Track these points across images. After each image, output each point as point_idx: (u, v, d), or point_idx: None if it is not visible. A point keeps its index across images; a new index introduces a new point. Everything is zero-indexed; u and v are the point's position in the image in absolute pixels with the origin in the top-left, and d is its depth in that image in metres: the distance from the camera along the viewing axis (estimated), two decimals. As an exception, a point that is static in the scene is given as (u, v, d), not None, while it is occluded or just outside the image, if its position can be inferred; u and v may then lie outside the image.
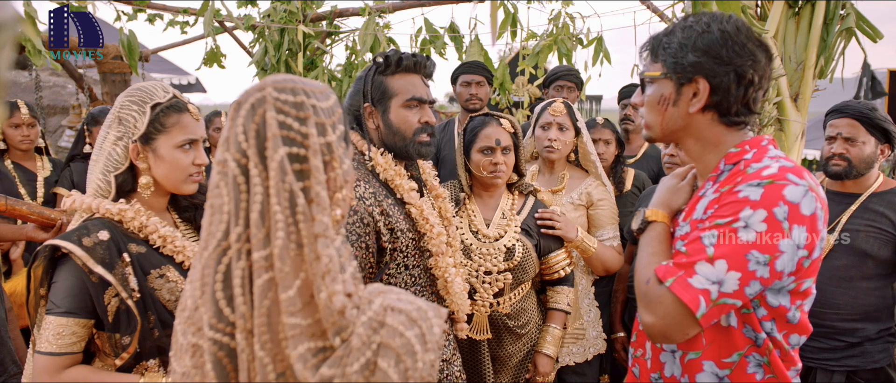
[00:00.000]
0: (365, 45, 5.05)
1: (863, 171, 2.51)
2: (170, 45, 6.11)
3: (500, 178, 2.43)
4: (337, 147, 0.98)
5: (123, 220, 1.55)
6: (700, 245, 1.27)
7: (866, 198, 2.53)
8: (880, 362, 2.50)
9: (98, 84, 5.53)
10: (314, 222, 0.91)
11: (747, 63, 1.32)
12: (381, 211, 1.86)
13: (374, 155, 1.91)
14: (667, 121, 1.41)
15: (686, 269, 1.26)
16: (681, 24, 1.39)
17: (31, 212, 2.69)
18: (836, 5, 4.20)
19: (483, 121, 2.45)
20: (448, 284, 1.99)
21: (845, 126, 2.52)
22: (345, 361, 0.89)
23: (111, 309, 1.47)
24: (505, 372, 2.46)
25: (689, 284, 1.25)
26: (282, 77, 0.99)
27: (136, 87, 1.62)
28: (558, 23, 4.86)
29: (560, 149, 2.75)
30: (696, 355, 1.41)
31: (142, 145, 1.57)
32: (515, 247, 2.40)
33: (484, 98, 3.91)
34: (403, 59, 1.92)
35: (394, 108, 1.92)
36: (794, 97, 4.26)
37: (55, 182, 3.74)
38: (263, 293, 0.90)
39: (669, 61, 1.37)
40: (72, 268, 1.46)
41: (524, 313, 2.45)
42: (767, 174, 1.27)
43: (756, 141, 1.39)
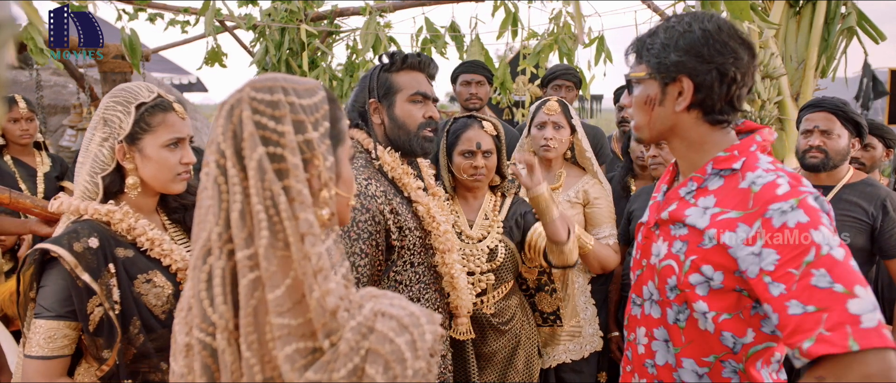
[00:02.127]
0: (366, 45, 5.05)
1: (838, 163, 2.62)
2: (171, 44, 6.10)
3: (481, 182, 2.44)
4: (318, 144, 0.96)
5: (112, 222, 1.54)
6: (823, 291, 1.16)
7: (840, 189, 2.64)
8: None
9: (99, 83, 5.52)
10: (298, 221, 0.90)
11: (729, 61, 1.33)
12: (391, 209, 1.89)
13: (381, 154, 1.94)
14: (654, 121, 1.43)
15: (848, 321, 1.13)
16: (663, 25, 1.40)
17: (35, 205, 2.70)
18: (837, 4, 4.19)
19: (465, 124, 2.45)
20: (454, 280, 2.02)
21: (822, 119, 2.63)
22: (332, 366, 0.87)
23: (94, 318, 1.46)
24: (490, 368, 2.47)
25: (868, 330, 1.12)
26: (264, 76, 0.99)
27: (120, 88, 1.62)
28: (559, 22, 4.85)
29: (556, 148, 2.76)
30: (677, 350, 1.43)
31: (128, 145, 1.56)
32: (498, 248, 2.42)
33: (484, 97, 3.91)
34: (409, 58, 1.96)
35: (399, 103, 1.95)
36: (795, 96, 4.25)
37: (56, 177, 3.78)
38: (249, 293, 0.89)
39: (653, 62, 1.38)
40: (60, 271, 1.45)
41: (507, 310, 2.47)
42: (784, 193, 1.25)
43: (744, 146, 1.39)
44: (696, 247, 1.36)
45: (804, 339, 1.15)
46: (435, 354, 0.96)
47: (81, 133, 4.77)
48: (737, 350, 1.35)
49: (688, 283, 1.36)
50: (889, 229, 2.51)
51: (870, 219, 2.54)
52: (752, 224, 1.27)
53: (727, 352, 1.36)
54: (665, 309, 1.45)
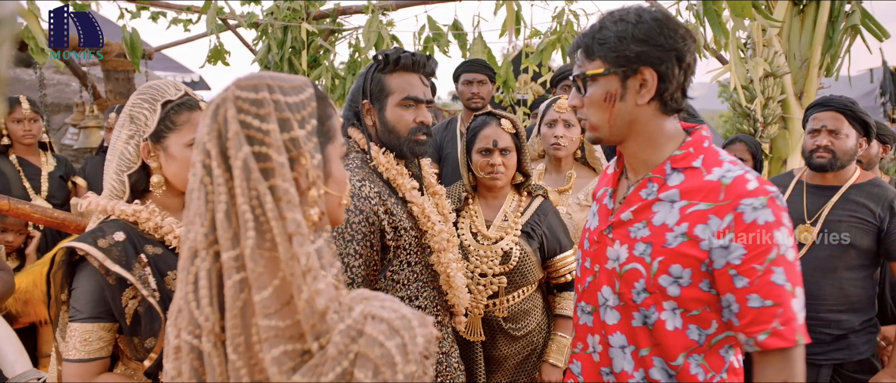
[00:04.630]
0: (368, 43, 5.04)
1: (845, 163, 2.59)
2: (173, 42, 6.11)
3: (498, 180, 2.40)
4: (304, 142, 0.95)
5: (138, 221, 1.52)
6: (778, 288, 1.28)
7: (846, 189, 2.61)
8: (865, 353, 2.58)
9: (102, 82, 5.53)
10: (286, 221, 0.88)
11: (684, 46, 1.33)
12: (386, 210, 1.88)
13: (375, 154, 1.92)
14: (614, 117, 1.39)
15: (793, 316, 1.29)
16: (609, 19, 1.37)
17: (34, 211, 2.69)
18: (841, 3, 4.16)
19: (483, 122, 2.42)
20: (450, 279, 2.00)
21: (829, 119, 2.59)
22: (319, 370, 0.86)
23: (129, 311, 1.44)
24: (500, 372, 2.43)
25: (802, 327, 1.30)
26: (249, 74, 0.97)
27: (148, 85, 1.59)
28: (562, 20, 4.83)
29: (567, 146, 2.72)
30: (647, 352, 1.42)
31: (153, 143, 1.54)
32: (512, 251, 2.35)
33: (486, 96, 3.89)
34: (402, 58, 1.92)
35: (390, 107, 1.93)
36: (798, 95, 4.23)
37: (60, 177, 3.81)
38: (235, 294, 0.88)
39: (611, 56, 1.34)
40: (90, 271, 1.43)
41: (525, 316, 2.41)
42: (753, 189, 1.31)
43: (698, 143, 1.40)
44: (661, 248, 1.36)
45: (760, 331, 1.28)
46: (430, 357, 0.94)
47: (84, 131, 4.77)
48: (702, 342, 1.38)
49: (658, 285, 1.36)
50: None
51: (876, 221, 2.51)
52: (723, 216, 1.30)
53: (694, 347, 1.38)
54: (630, 313, 1.44)
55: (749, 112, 4.08)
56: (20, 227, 3.31)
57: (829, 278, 2.56)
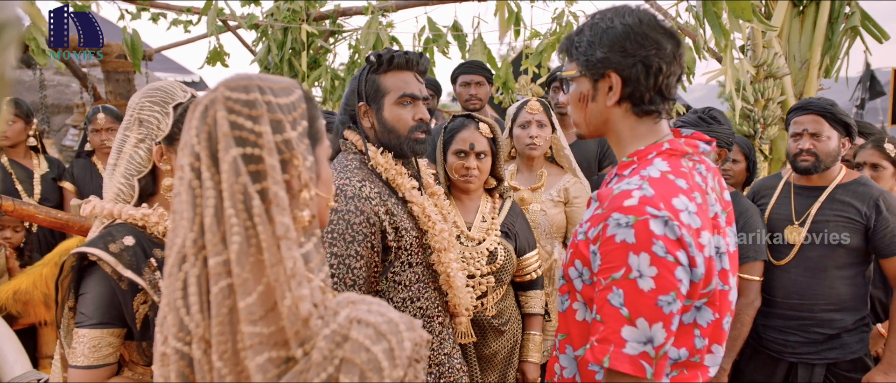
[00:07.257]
0: (368, 44, 5.04)
1: (829, 165, 2.62)
2: (173, 44, 6.11)
3: (472, 183, 2.44)
4: (297, 143, 0.93)
5: (147, 225, 1.51)
6: (611, 308, 1.26)
7: (832, 189, 2.65)
8: (858, 352, 2.61)
9: (102, 83, 5.54)
10: (274, 224, 0.87)
11: (652, 52, 1.35)
12: (386, 210, 1.88)
13: (373, 155, 1.92)
14: (589, 117, 1.47)
15: (614, 341, 1.25)
16: (589, 22, 1.43)
17: (39, 212, 2.69)
18: (841, 4, 4.15)
19: (461, 124, 2.44)
20: (451, 279, 2.00)
21: (810, 122, 2.63)
22: (304, 377, 0.85)
23: (139, 315, 1.43)
24: (491, 370, 2.47)
25: (624, 355, 1.23)
26: (238, 75, 0.96)
27: (153, 88, 1.58)
28: (561, 21, 4.83)
29: (541, 146, 2.83)
30: (563, 337, 1.47)
31: (166, 146, 1.53)
32: (498, 251, 2.41)
33: (484, 98, 3.89)
34: (395, 57, 1.92)
35: (387, 106, 1.92)
36: (798, 96, 4.22)
37: (53, 179, 3.77)
38: (221, 300, 0.86)
39: (582, 59, 1.42)
40: (100, 276, 1.42)
41: (506, 311, 2.48)
42: (628, 206, 1.26)
43: (645, 152, 1.41)
44: (574, 241, 1.42)
45: (586, 342, 1.32)
46: (420, 360, 0.93)
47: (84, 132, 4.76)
48: None
49: (568, 275, 1.43)
50: (883, 228, 2.51)
51: (863, 219, 2.54)
52: (598, 224, 1.32)
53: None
54: (562, 296, 1.51)
55: (749, 113, 4.08)
56: (16, 223, 3.30)
57: (820, 278, 2.60)
